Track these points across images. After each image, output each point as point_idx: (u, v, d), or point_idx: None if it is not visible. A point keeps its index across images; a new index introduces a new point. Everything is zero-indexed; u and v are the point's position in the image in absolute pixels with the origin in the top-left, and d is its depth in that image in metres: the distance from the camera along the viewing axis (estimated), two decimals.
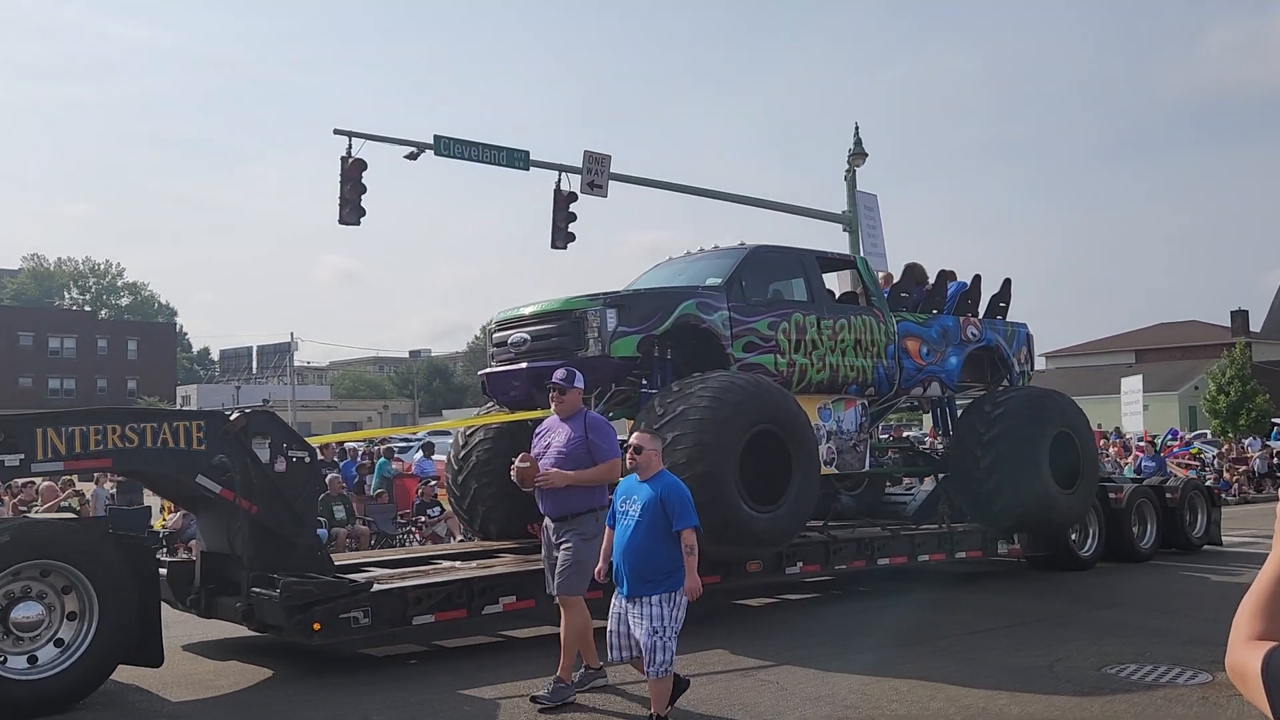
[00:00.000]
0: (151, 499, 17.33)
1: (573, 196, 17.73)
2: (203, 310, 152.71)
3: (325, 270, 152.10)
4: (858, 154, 20.34)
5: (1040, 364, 69.05)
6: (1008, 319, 13.17)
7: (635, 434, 6.24)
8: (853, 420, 11.26)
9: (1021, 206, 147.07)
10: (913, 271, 12.31)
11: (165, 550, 11.14)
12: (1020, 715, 6.40)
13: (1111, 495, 13.41)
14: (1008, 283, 13.16)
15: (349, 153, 16.00)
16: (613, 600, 6.04)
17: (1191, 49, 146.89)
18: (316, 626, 7.15)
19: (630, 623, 5.79)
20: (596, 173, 17.55)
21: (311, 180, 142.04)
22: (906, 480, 14.34)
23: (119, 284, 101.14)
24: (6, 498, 14.00)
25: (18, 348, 72.08)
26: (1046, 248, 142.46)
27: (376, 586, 7.58)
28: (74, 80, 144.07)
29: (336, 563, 9.37)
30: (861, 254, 13.37)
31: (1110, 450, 22.89)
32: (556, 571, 6.71)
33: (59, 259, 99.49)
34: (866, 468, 11.43)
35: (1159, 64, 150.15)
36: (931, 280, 12.66)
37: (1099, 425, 34.22)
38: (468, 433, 10.96)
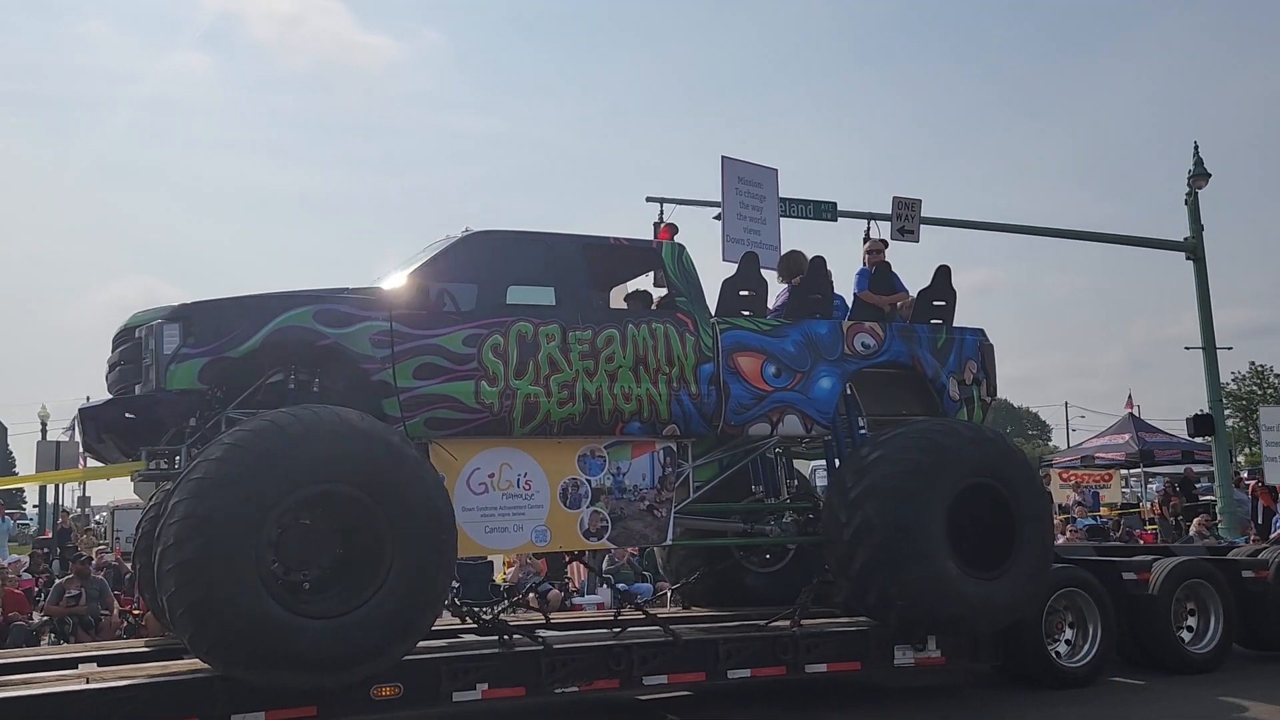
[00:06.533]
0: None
1: (883, 244, 16.61)
2: None
3: None
4: (1199, 175, 18.83)
5: None
6: (951, 323, 9.26)
7: None
8: (645, 472, 7.91)
9: None
10: (755, 262, 8.68)
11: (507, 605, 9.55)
12: None
13: (1127, 575, 9.10)
14: (943, 272, 9.25)
15: (660, 217, 16.19)
16: None
17: None
18: None
19: None
20: (907, 218, 16.75)
21: None
22: None
23: None
24: None
25: None
26: None
27: None
28: (419, 170, 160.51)
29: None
30: (747, 248, 9.92)
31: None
32: None
33: None
34: (669, 539, 8.01)
35: None
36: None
37: (1044, 467, 27.21)
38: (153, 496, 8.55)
